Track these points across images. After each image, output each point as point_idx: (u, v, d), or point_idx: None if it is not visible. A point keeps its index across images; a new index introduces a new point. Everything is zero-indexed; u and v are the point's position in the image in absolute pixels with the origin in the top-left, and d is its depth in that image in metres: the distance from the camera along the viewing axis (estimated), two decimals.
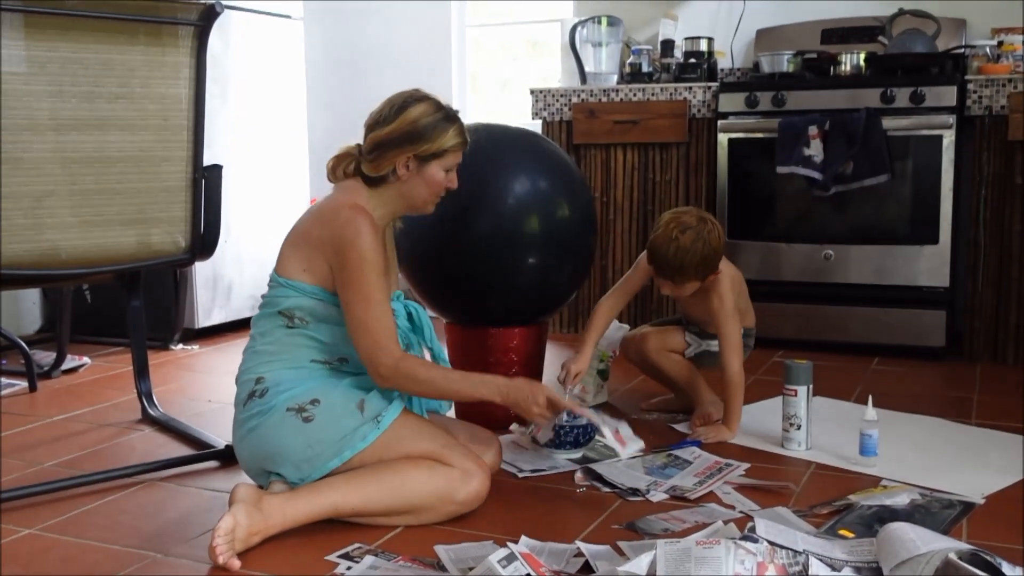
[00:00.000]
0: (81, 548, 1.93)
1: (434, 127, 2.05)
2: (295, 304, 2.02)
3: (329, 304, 2.03)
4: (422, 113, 2.05)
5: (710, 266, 2.50)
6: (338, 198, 2.06)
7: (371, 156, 2.07)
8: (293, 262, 2.04)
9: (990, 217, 3.44)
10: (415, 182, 2.09)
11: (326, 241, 1.99)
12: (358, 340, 1.98)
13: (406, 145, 2.04)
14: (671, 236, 2.46)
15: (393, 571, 1.78)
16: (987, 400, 2.98)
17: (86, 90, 2.31)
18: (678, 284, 2.52)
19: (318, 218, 2.05)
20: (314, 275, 2.02)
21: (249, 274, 4.17)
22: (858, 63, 3.66)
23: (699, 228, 2.47)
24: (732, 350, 2.54)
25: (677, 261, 2.47)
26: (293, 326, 2.03)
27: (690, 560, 1.67)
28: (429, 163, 2.07)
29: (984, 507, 2.09)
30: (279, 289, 2.04)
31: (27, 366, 3.26)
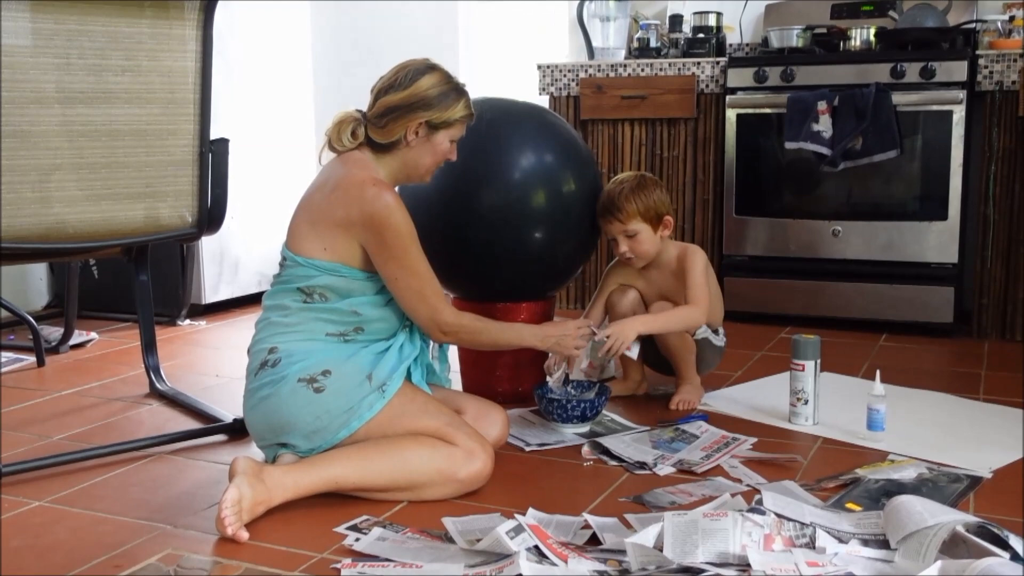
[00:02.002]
0: (91, 519, 1.94)
1: (445, 96, 2.09)
2: (315, 282, 2.02)
3: (349, 279, 2.03)
4: (435, 82, 2.09)
5: (652, 202, 2.55)
6: (355, 173, 2.05)
7: (381, 121, 2.08)
8: (311, 241, 2.03)
9: (1000, 193, 3.43)
10: (422, 150, 2.11)
11: (355, 222, 2.00)
12: (415, 308, 2.06)
13: (418, 112, 2.07)
14: (612, 182, 2.62)
15: (401, 542, 1.79)
16: (995, 376, 2.98)
17: (93, 63, 2.30)
18: (626, 223, 2.54)
19: (340, 196, 2.02)
20: (335, 253, 2.02)
21: (256, 250, 4.17)
22: (868, 38, 3.64)
23: (639, 175, 2.62)
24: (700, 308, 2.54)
25: (615, 190, 2.56)
26: (311, 302, 2.03)
27: (697, 532, 1.68)
28: (438, 131, 2.11)
29: (991, 481, 2.09)
30: (297, 268, 2.04)
31: (35, 341, 3.27)
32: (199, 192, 2.54)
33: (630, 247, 2.58)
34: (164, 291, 3.84)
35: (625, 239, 2.57)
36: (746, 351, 3.28)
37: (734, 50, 4.13)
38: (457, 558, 1.70)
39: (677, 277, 2.62)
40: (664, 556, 1.64)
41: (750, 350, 3.30)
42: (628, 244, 2.58)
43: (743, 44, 4.15)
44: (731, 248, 3.75)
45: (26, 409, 2.74)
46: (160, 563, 1.73)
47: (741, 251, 3.73)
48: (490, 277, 2.61)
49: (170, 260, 3.87)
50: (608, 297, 2.71)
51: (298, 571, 1.69)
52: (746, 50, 4.12)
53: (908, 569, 1.59)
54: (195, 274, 3.95)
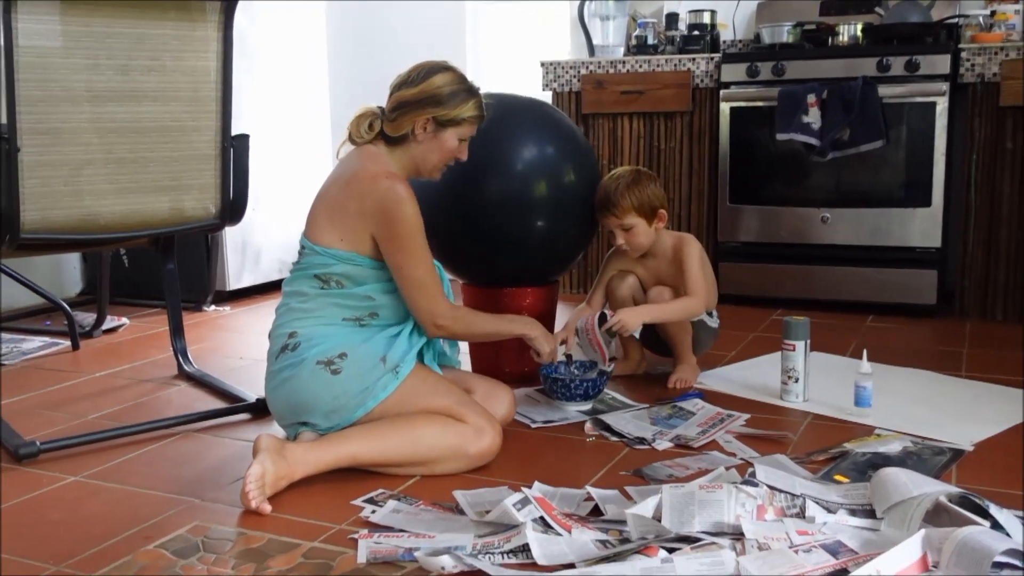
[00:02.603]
0: (124, 493, 1.95)
1: (455, 95, 2.08)
2: (331, 270, 2.02)
3: (364, 267, 2.03)
4: (447, 81, 2.08)
5: (645, 195, 2.53)
6: (369, 167, 2.04)
7: (393, 115, 2.09)
8: (329, 232, 2.03)
9: (981, 180, 3.41)
10: (430, 145, 2.10)
11: (368, 213, 1.99)
12: (416, 297, 2.03)
13: (427, 107, 2.06)
14: (608, 177, 2.60)
15: (414, 514, 1.79)
16: (976, 354, 2.97)
17: (120, 63, 2.30)
18: (621, 218, 2.53)
19: (355, 189, 2.02)
20: (351, 243, 2.02)
21: (276, 240, 4.17)
22: (855, 33, 3.61)
23: (634, 170, 2.59)
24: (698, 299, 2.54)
25: (611, 186, 2.54)
26: (328, 288, 2.03)
27: (694, 503, 1.68)
28: (446, 129, 2.09)
29: (973, 454, 2.09)
30: (315, 256, 2.04)
31: (70, 326, 3.28)
32: (222, 185, 2.54)
33: (626, 239, 2.58)
34: (190, 279, 3.84)
35: (621, 232, 2.57)
36: (740, 332, 3.27)
37: (728, 46, 4.10)
38: (467, 528, 1.71)
39: (673, 264, 2.62)
40: (662, 526, 1.64)
41: (743, 331, 3.29)
42: (624, 237, 2.58)
43: (736, 40, 4.12)
44: (725, 235, 3.74)
45: (62, 390, 2.75)
46: (188, 534, 1.74)
47: (735, 238, 3.72)
48: (496, 263, 2.61)
49: (196, 249, 3.88)
50: (608, 282, 2.71)
51: (318, 541, 1.69)
52: (739, 46, 4.10)
53: (893, 537, 1.58)
54: (219, 262, 3.96)
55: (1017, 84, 3.28)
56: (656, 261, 2.64)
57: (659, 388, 2.63)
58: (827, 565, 1.52)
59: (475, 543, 1.63)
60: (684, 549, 1.57)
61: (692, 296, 2.54)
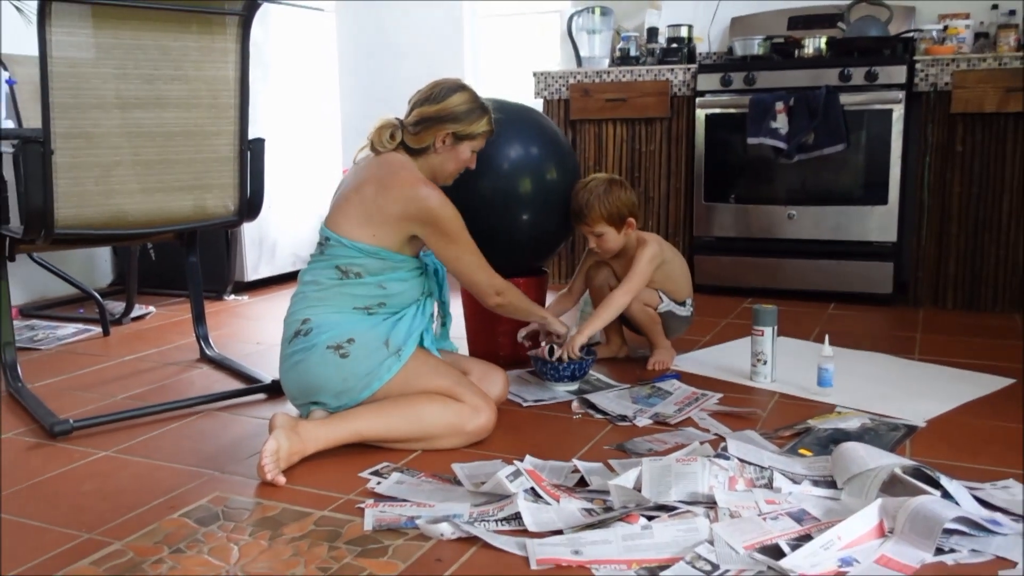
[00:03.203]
0: (150, 467, 1.95)
1: (472, 112, 2.11)
2: (355, 261, 2.01)
3: (384, 260, 2.02)
4: (465, 100, 2.11)
5: (615, 207, 2.50)
6: (405, 176, 2.03)
7: (415, 129, 2.09)
8: (363, 229, 2.00)
9: (933, 181, 3.41)
10: (447, 156, 2.12)
11: (412, 216, 1.99)
12: (476, 279, 2.12)
13: (448, 123, 2.08)
14: (581, 185, 2.56)
15: (416, 485, 1.79)
16: (928, 339, 2.97)
17: (146, 73, 2.28)
18: (592, 227, 2.52)
19: (397, 195, 1.99)
20: (382, 240, 2.01)
21: (291, 234, 4.16)
22: (820, 46, 3.60)
23: (605, 180, 2.54)
24: (626, 289, 2.52)
25: (583, 198, 2.51)
26: (346, 278, 2.02)
27: (671, 475, 1.68)
28: (462, 142, 2.12)
29: (925, 430, 2.09)
30: (339, 248, 2.01)
31: (101, 314, 3.27)
32: (240, 184, 2.52)
33: (597, 244, 2.57)
34: (212, 270, 3.83)
35: (593, 238, 2.56)
36: (713, 319, 3.27)
37: (703, 58, 4.09)
38: (464, 498, 1.71)
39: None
40: (642, 496, 1.64)
41: (717, 318, 3.29)
42: (596, 242, 2.57)
43: (711, 53, 4.11)
44: (700, 230, 3.73)
45: (93, 373, 2.74)
46: (209, 504, 1.73)
47: (709, 233, 3.72)
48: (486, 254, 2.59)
49: (216, 243, 3.86)
50: (587, 272, 2.72)
51: (328, 510, 1.69)
52: (714, 58, 4.09)
53: (853, 506, 1.59)
54: (238, 255, 3.94)
55: (967, 93, 3.27)
56: (626, 260, 2.64)
57: (639, 370, 2.63)
58: (792, 531, 1.52)
59: (471, 512, 1.63)
60: (662, 517, 1.57)
61: (619, 290, 2.52)
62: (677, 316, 2.69)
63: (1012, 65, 3.22)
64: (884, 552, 1.45)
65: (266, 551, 1.53)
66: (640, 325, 2.67)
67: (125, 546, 1.56)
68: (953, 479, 1.63)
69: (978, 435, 2.05)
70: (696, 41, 4.02)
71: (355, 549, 1.53)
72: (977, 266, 3.39)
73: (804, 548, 1.44)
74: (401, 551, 1.52)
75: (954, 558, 1.45)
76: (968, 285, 3.41)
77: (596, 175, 2.58)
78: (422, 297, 2.13)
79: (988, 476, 1.79)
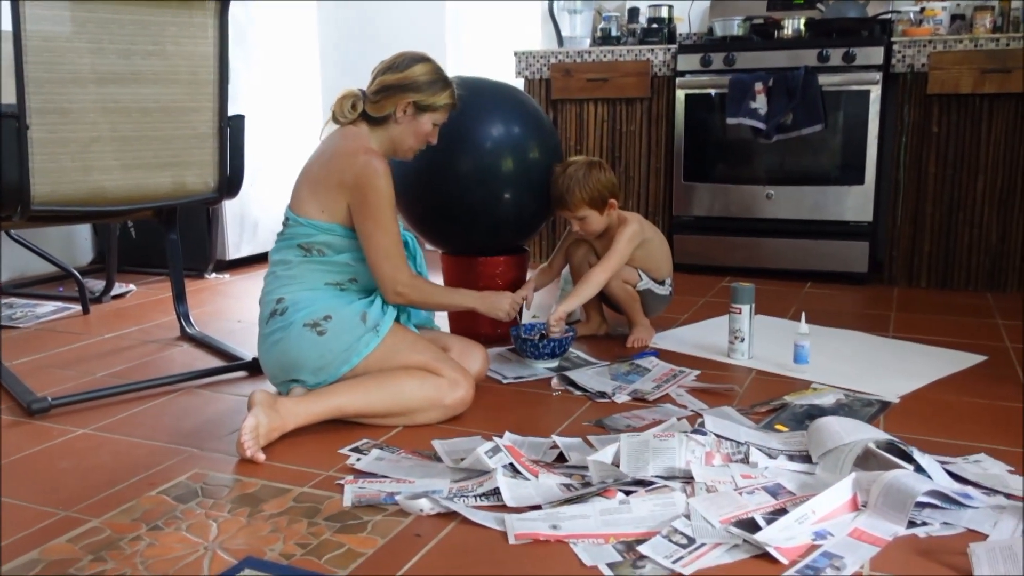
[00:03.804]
0: (129, 444, 1.92)
1: (434, 83, 2.07)
2: (314, 240, 1.99)
3: (344, 237, 2.00)
4: (427, 71, 2.07)
5: (596, 190, 2.48)
6: (350, 144, 2.00)
7: (376, 97, 2.05)
8: (311, 204, 1.99)
9: (909, 161, 3.41)
10: (408, 128, 2.08)
11: (348, 184, 1.95)
12: (380, 264, 1.99)
13: (409, 92, 2.04)
14: (560, 170, 2.52)
15: (396, 461, 1.77)
16: (902, 317, 2.99)
17: (123, 47, 2.23)
18: (574, 212, 2.50)
19: (335, 165, 1.98)
20: (331, 215, 1.99)
21: (272, 212, 4.11)
22: (799, 27, 3.59)
23: (584, 164, 2.50)
24: (605, 266, 2.51)
25: (564, 184, 2.49)
26: (310, 256, 2.00)
27: (648, 450, 1.68)
28: (423, 113, 2.07)
29: (898, 405, 2.10)
30: (298, 227, 2.00)
31: (81, 292, 3.22)
32: (219, 161, 2.49)
33: (580, 227, 2.56)
34: (193, 249, 3.79)
35: (576, 222, 2.55)
36: (692, 297, 3.27)
37: (683, 38, 4.06)
38: (444, 474, 1.70)
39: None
40: (620, 471, 1.64)
41: (695, 296, 3.29)
42: (579, 225, 2.56)
43: (691, 33, 4.08)
44: (680, 210, 3.72)
45: (73, 351, 2.70)
46: (188, 481, 1.71)
47: (688, 212, 3.71)
48: (468, 233, 2.57)
49: (197, 221, 3.82)
50: (567, 249, 2.71)
51: (307, 487, 1.67)
52: (694, 38, 4.06)
53: (827, 480, 1.59)
54: (219, 233, 3.90)
55: (943, 74, 3.27)
56: (608, 239, 2.62)
57: (618, 347, 2.62)
58: (768, 505, 1.52)
59: (451, 487, 1.62)
60: (640, 492, 1.57)
61: (598, 267, 2.52)
62: (656, 295, 2.68)
63: (988, 47, 3.22)
64: (857, 525, 1.46)
65: (245, 527, 1.51)
66: (619, 303, 2.66)
67: (103, 523, 1.54)
68: (926, 453, 1.63)
69: (950, 411, 2.06)
70: (676, 21, 3.99)
71: (334, 525, 1.51)
72: (951, 246, 3.40)
73: (779, 522, 1.44)
74: (380, 527, 1.50)
75: (926, 531, 1.45)
76: (941, 264, 3.43)
77: (574, 159, 2.55)
78: None
79: (960, 451, 1.80)
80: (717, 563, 1.37)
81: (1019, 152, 3.25)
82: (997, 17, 3.40)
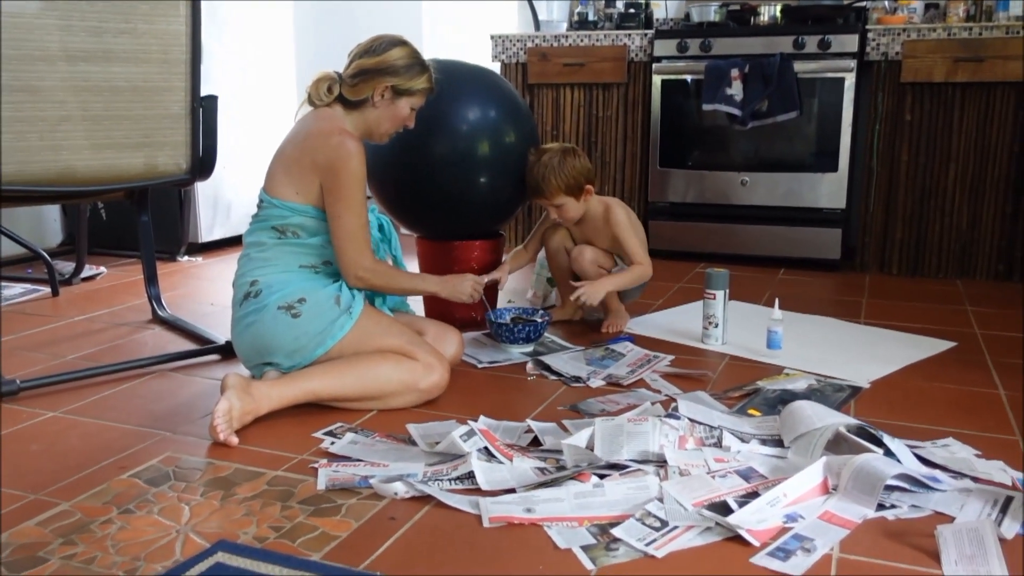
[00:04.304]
0: (100, 427, 1.90)
1: (411, 68, 2.06)
2: (288, 221, 1.98)
3: (318, 219, 1.99)
4: (405, 55, 2.06)
5: (571, 177, 2.49)
6: (324, 126, 1.99)
7: (353, 81, 2.04)
8: (286, 186, 1.98)
9: (882, 149, 3.44)
10: (385, 112, 2.07)
11: (320, 165, 1.94)
12: (346, 246, 1.97)
13: (387, 76, 2.03)
14: (535, 159, 2.52)
15: (370, 445, 1.77)
16: (874, 303, 3.02)
17: (93, 25, 2.20)
18: (551, 200, 2.51)
19: (309, 145, 1.97)
20: (305, 196, 1.97)
21: (246, 195, 4.07)
22: (775, 14, 3.60)
23: (559, 151, 2.50)
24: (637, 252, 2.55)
25: (539, 172, 2.48)
26: (285, 238, 1.98)
27: (623, 434, 1.68)
28: (401, 97, 2.07)
29: (869, 390, 2.12)
30: (272, 209, 1.99)
31: (50, 274, 3.18)
32: (192, 142, 2.45)
33: (558, 214, 2.56)
34: (165, 231, 3.75)
35: (553, 209, 2.55)
36: (666, 283, 3.28)
37: (660, 24, 4.06)
38: (418, 458, 1.69)
39: (604, 226, 2.60)
40: (594, 455, 1.64)
41: (670, 282, 3.30)
42: (556, 212, 2.56)
43: (668, 19, 4.08)
44: (655, 195, 3.73)
45: (43, 333, 2.66)
46: (160, 464, 1.70)
47: (664, 198, 3.72)
48: (444, 217, 2.56)
49: (170, 203, 3.77)
50: (543, 233, 2.71)
51: (281, 470, 1.66)
52: (670, 24, 4.06)
53: (799, 464, 1.60)
54: (192, 215, 3.85)
55: (917, 62, 3.29)
56: (586, 225, 2.63)
57: (593, 332, 2.63)
58: (740, 488, 1.53)
59: (425, 471, 1.62)
60: (614, 475, 1.57)
61: (641, 264, 2.55)
62: None
63: (961, 35, 3.25)
64: (828, 508, 1.47)
65: (218, 511, 1.50)
66: None
67: (73, 506, 1.52)
68: (895, 438, 1.66)
69: (919, 396, 2.08)
70: (653, 6, 3.99)
71: (308, 508, 1.51)
72: (922, 233, 3.44)
73: (751, 505, 1.46)
74: (354, 510, 1.50)
75: (895, 513, 1.47)
76: (913, 251, 3.46)
77: (548, 146, 2.54)
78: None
79: (928, 435, 1.82)
80: (689, 545, 1.38)
81: (990, 141, 3.28)
82: (970, 6, 3.43)
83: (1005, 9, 3.37)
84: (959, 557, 1.33)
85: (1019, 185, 3.28)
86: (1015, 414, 1.96)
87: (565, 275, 2.71)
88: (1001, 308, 2.95)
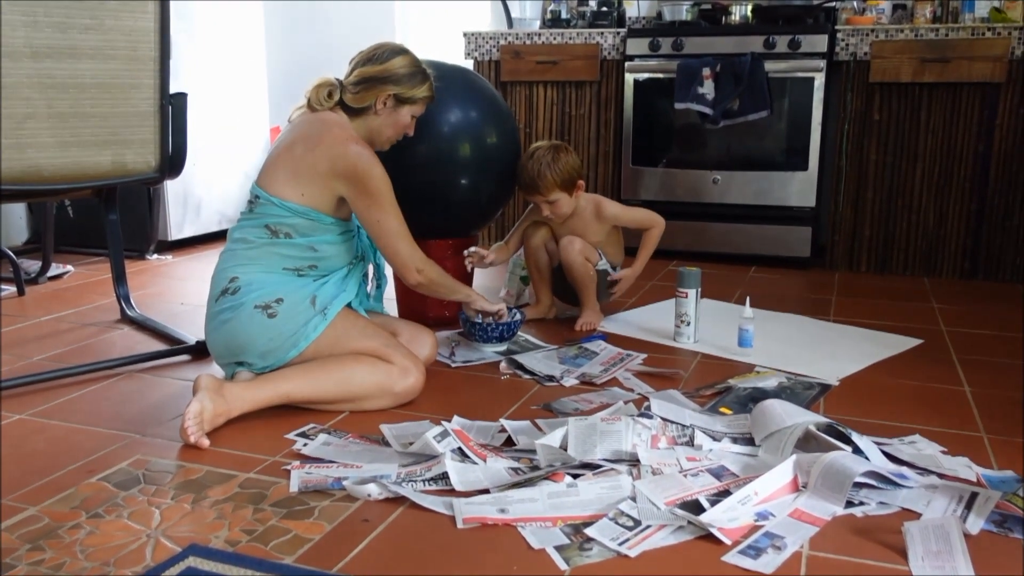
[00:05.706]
0: (68, 430, 1.88)
1: (414, 76, 2.09)
2: (284, 221, 1.96)
3: (315, 222, 1.97)
4: (407, 63, 2.09)
5: (565, 172, 2.52)
6: (338, 133, 1.98)
7: (356, 89, 2.05)
8: (290, 187, 1.95)
9: (851, 148, 3.48)
10: (387, 120, 2.09)
11: (340, 174, 1.94)
12: (396, 247, 2.03)
13: (390, 85, 2.05)
14: (528, 156, 2.56)
15: (343, 446, 1.76)
16: (843, 301, 3.05)
17: (59, 21, 2.17)
18: (547, 195, 2.53)
19: (327, 153, 1.95)
20: (311, 199, 1.96)
21: (216, 193, 4.04)
22: (746, 13, 3.63)
23: (551, 148, 2.55)
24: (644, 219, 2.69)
25: (534, 169, 2.51)
26: (276, 238, 1.96)
27: (596, 434, 1.69)
28: (403, 105, 2.10)
29: (838, 388, 2.15)
30: (269, 207, 1.96)
31: (15, 273, 3.13)
32: (161, 140, 2.43)
33: (551, 211, 2.58)
34: (134, 229, 3.70)
35: (547, 206, 2.56)
36: (639, 281, 3.29)
37: (633, 22, 4.08)
38: (392, 459, 1.69)
39: (595, 218, 2.64)
40: (568, 454, 1.65)
41: (642, 281, 3.32)
42: (549, 209, 2.57)
43: (640, 17, 4.10)
44: (628, 193, 3.74)
45: (8, 334, 2.62)
46: (130, 467, 1.68)
47: (636, 196, 3.73)
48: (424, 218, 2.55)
49: (139, 201, 3.72)
50: (525, 230, 2.72)
51: (253, 472, 1.65)
52: (643, 23, 4.08)
53: (769, 462, 1.62)
54: (161, 214, 3.81)
55: (885, 63, 3.33)
56: (574, 220, 2.64)
57: (567, 331, 2.64)
58: (712, 487, 1.54)
59: (399, 472, 1.62)
60: (587, 475, 1.58)
61: (651, 226, 2.68)
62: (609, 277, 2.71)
63: (927, 37, 3.29)
64: (798, 506, 1.49)
65: (189, 514, 1.49)
66: (576, 284, 2.67)
67: (40, 511, 1.50)
68: (863, 435, 1.68)
69: (887, 393, 2.11)
70: (626, 5, 4.01)
71: (280, 511, 1.50)
72: (890, 231, 3.48)
73: (723, 503, 1.47)
74: (327, 512, 1.50)
75: (863, 510, 1.49)
76: (881, 249, 3.51)
77: (538, 144, 2.57)
78: (355, 260, 2.09)
79: (895, 432, 1.85)
80: (662, 544, 1.39)
81: (956, 140, 3.33)
82: (937, 7, 3.48)
83: (971, 11, 3.43)
84: (925, 553, 1.35)
85: (984, 184, 3.33)
86: (979, 410, 2.00)
87: (544, 273, 2.72)
88: (966, 305, 2.99)
